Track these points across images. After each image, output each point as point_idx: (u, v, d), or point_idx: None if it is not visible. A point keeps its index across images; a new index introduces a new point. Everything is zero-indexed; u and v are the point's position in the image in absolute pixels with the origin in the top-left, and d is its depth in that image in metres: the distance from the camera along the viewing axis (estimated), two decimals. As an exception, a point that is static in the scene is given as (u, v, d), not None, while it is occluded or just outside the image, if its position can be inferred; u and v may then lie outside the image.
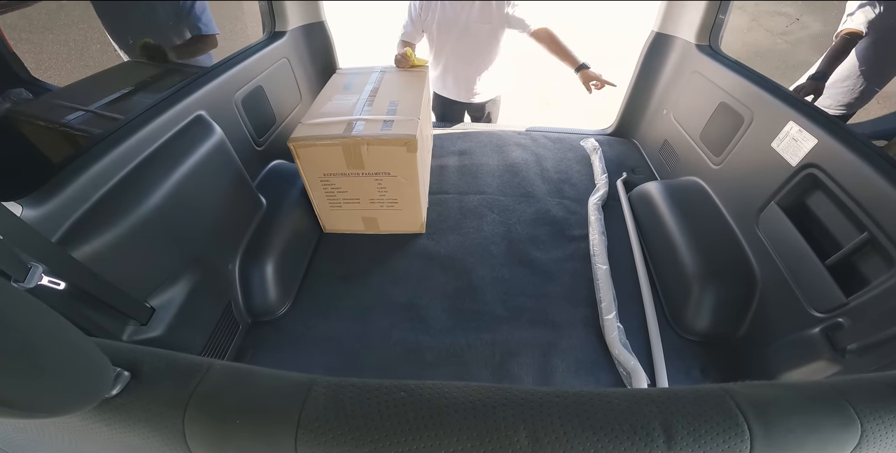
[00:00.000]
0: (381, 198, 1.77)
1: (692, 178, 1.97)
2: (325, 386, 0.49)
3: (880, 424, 0.47)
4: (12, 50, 1.27)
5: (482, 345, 1.49)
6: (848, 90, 1.93)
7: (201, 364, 0.51)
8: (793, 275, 1.31)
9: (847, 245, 1.17)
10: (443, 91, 2.54)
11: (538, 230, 1.96)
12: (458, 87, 2.45)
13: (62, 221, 0.98)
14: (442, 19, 2.18)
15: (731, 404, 0.48)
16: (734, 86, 1.78)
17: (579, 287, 1.70)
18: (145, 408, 0.46)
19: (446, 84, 2.47)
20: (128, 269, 1.09)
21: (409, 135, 1.55)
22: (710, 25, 2.03)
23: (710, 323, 1.49)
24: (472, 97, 2.50)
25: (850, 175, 1.20)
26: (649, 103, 2.49)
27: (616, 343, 1.45)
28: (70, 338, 0.41)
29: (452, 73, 2.38)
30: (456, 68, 2.36)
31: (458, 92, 2.49)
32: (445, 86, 2.49)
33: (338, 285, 1.72)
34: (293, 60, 2.22)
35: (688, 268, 1.57)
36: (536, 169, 2.36)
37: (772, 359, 1.28)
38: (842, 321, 1.12)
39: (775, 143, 1.49)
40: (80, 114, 1.28)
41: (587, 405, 0.48)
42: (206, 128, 1.46)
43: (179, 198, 1.25)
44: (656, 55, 2.33)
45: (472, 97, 2.50)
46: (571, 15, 7.03)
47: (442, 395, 0.48)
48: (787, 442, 0.46)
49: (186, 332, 1.24)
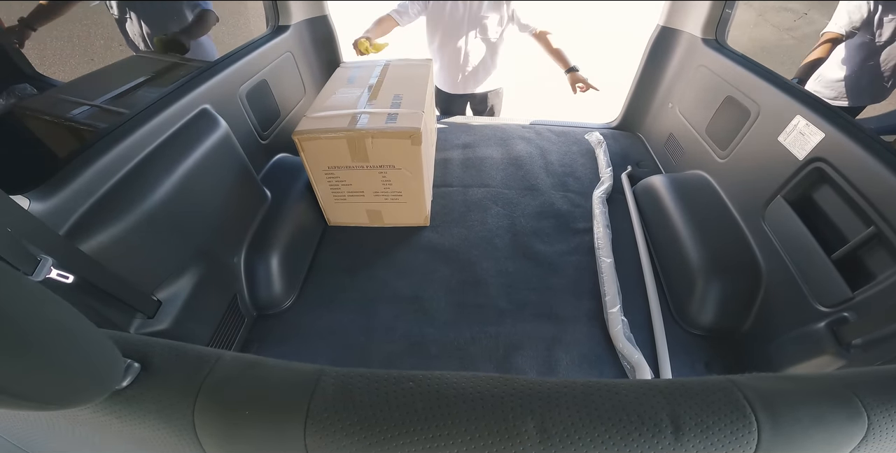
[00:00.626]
0: (386, 191, 1.77)
1: (697, 172, 1.96)
2: (333, 377, 0.49)
3: (887, 417, 0.48)
4: (16, 46, 1.27)
5: (486, 338, 1.49)
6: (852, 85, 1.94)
7: (211, 355, 0.51)
8: (798, 269, 1.31)
9: (853, 239, 1.16)
10: (445, 85, 2.53)
11: (542, 223, 1.96)
12: (462, 79, 2.44)
13: (69, 215, 0.99)
14: (453, 10, 2.18)
15: (738, 395, 0.48)
16: (741, 80, 1.77)
17: (583, 280, 1.70)
18: (156, 399, 0.47)
19: (449, 76, 2.46)
20: (134, 262, 1.10)
21: (413, 128, 1.55)
22: (717, 19, 2.01)
23: (715, 317, 1.49)
24: (475, 87, 2.50)
25: (858, 169, 1.19)
26: (654, 97, 2.47)
27: (620, 336, 1.45)
28: (82, 330, 0.42)
29: (456, 64, 2.37)
30: (460, 59, 2.35)
31: (462, 84, 2.48)
32: (448, 79, 2.48)
33: (342, 278, 1.72)
34: (297, 54, 2.21)
35: (692, 262, 1.57)
36: (541, 162, 2.36)
37: (777, 354, 1.28)
38: (847, 315, 1.12)
39: (782, 137, 1.48)
40: (85, 109, 1.28)
41: (595, 396, 0.48)
42: (211, 122, 1.46)
43: (185, 192, 1.25)
44: (662, 49, 2.31)
45: (476, 87, 2.50)
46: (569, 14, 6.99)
47: (450, 385, 0.49)
48: (794, 433, 0.46)
49: (193, 325, 1.25)
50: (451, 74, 2.43)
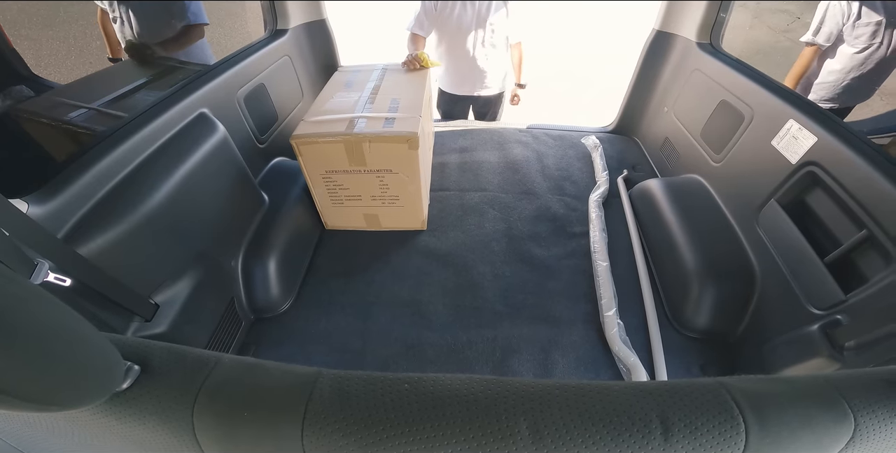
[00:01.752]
0: (383, 195, 1.78)
1: (693, 176, 1.97)
2: (330, 379, 0.50)
3: (874, 419, 0.48)
4: (12, 46, 1.27)
5: (483, 342, 1.50)
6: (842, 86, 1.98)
7: (210, 358, 0.52)
8: (792, 273, 1.32)
9: (846, 242, 1.17)
10: (450, 87, 2.56)
11: (539, 227, 1.97)
12: (468, 81, 2.49)
13: (67, 218, 0.99)
14: (461, 13, 2.22)
15: (726, 397, 0.48)
16: (735, 84, 1.79)
17: (580, 284, 1.70)
18: (155, 402, 0.47)
19: (455, 79, 2.50)
20: (132, 266, 1.10)
21: (410, 133, 1.55)
22: (712, 23, 2.03)
23: (710, 320, 1.50)
24: (480, 90, 2.55)
25: (850, 173, 1.21)
26: (650, 101, 2.49)
27: (616, 339, 1.46)
28: (83, 332, 0.42)
29: (464, 67, 2.42)
30: (468, 62, 2.40)
31: (469, 86, 2.53)
32: (454, 81, 2.52)
33: (339, 281, 1.73)
34: (295, 58, 2.22)
35: (688, 265, 1.58)
36: (537, 166, 2.37)
37: (771, 356, 1.29)
38: (840, 318, 1.13)
39: (775, 141, 1.49)
40: (83, 112, 1.29)
41: (587, 397, 0.49)
42: (209, 126, 1.46)
43: (183, 196, 1.26)
44: (657, 53, 2.33)
45: (481, 90, 2.55)
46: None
47: (445, 387, 0.49)
48: (781, 434, 0.46)
49: (190, 329, 1.25)
50: (458, 76, 2.48)
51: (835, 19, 1.88)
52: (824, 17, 1.91)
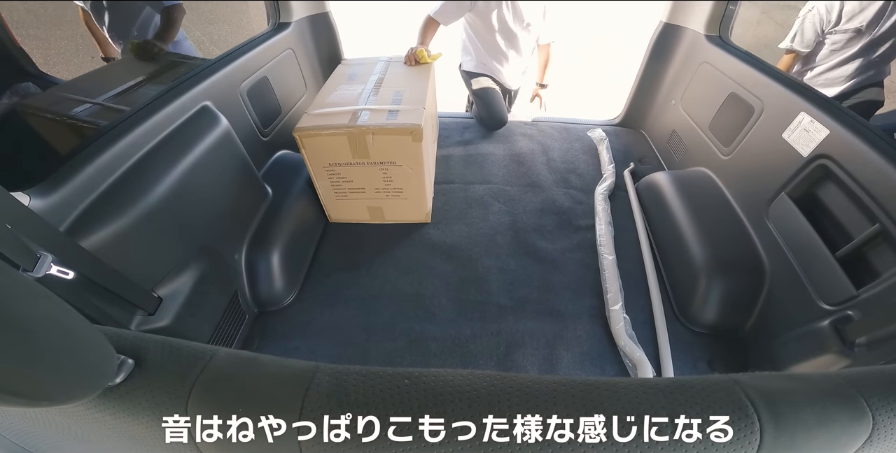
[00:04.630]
0: (387, 188, 1.77)
1: (701, 169, 1.95)
2: (328, 374, 0.49)
3: (892, 417, 0.47)
4: (19, 45, 1.27)
5: (487, 336, 1.49)
6: None
7: (205, 351, 0.50)
8: (802, 267, 1.30)
9: (858, 236, 1.15)
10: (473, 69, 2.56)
11: (544, 220, 1.96)
12: (489, 72, 2.50)
13: (70, 211, 0.99)
14: (502, 13, 2.22)
15: (740, 394, 0.47)
16: (745, 76, 1.76)
17: (585, 277, 1.69)
18: (148, 396, 0.46)
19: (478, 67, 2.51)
20: (135, 259, 1.10)
21: (414, 125, 1.54)
22: (721, 16, 2.00)
23: (718, 315, 1.48)
24: (512, 84, 2.62)
25: (863, 166, 1.18)
26: (657, 93, 2.46)
27: (622, 334, 1.44)
28: (73, 325, 0.41)
29: (489, 61, 2.45)
30: (495, 57, 2.43)
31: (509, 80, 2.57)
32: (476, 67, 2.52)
33: (343, 275, 1.72)
34: (298, 51, 2.21)
35: (695, 259, 1.56)
36: (543, 159, 2.35)
37: (780, 352, 1.28)
38: (851, 314, 1.11)
39: (786, 134, 1.47)
40: (87, 107, 1.28)
41: (594, 394, 0.47)
42: (212, 119, 1.45)
43: (186, 189, 1.25)
44: (665, 45, 2.30)
45: (514, 85, 2.64)
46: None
47: (446, 383, 0.48)
48: (797, 433, 0.45)
49: (193, 322, 1.25)
50: (482, 68, 2.48)
51: (813, 26, 1.89)
52: (803, 23, 1.92)
